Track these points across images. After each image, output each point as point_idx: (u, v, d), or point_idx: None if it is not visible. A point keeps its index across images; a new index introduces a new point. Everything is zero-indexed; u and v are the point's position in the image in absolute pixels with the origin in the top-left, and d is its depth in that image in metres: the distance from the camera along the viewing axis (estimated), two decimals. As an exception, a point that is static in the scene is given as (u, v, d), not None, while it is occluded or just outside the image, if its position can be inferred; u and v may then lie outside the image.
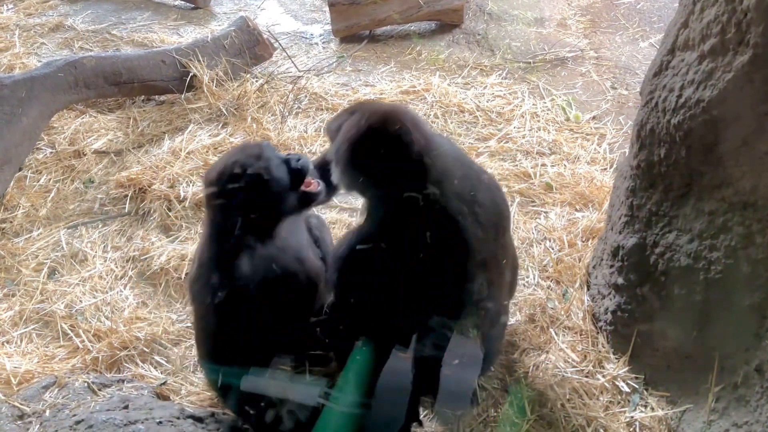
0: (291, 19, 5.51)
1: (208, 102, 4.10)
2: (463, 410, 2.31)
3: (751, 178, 1.80)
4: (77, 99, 3.98)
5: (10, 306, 2.88)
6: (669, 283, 2.15)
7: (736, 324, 1.93)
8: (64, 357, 2.63)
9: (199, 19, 5.52)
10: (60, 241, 3.24)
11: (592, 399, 2.34)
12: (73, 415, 2.10)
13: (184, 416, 2.11)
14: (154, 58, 4.17)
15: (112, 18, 5.52)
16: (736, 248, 1.88)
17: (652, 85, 2.13)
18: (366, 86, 4.40)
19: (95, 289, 2.94)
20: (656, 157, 2.11)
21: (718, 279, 1.95)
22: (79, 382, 2.34)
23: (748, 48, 1.70)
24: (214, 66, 4.25)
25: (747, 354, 1.89)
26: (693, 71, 1.91)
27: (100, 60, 4.01)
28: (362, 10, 4.90)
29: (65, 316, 2.80)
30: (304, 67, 4.64)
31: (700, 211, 1.99)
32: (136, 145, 3.88)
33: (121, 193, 3.50)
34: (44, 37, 5.20)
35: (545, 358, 2.49)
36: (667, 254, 2.12)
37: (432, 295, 1.96)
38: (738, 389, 1.93)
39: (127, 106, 4.25)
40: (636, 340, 2.35)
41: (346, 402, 2.08)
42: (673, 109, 1.99)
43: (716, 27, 1.80)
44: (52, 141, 3.88)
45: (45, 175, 3.66)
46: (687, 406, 2.15)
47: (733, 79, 1.76)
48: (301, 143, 3.77)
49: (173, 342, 2.68)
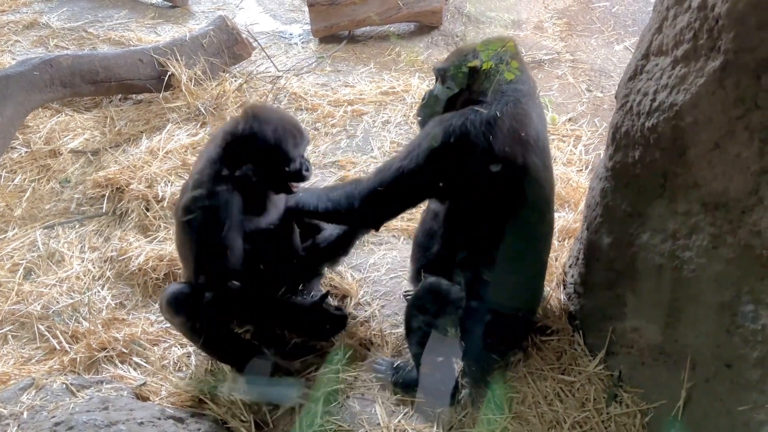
0: (270, 19, 5.50)
1: (187, 101, 4.08)
2: (444, 407, 2.35)
3: (723, 180, 1.85)
4: (53, 98, 3.93)
5: (-15, 307, 2.84)
6: (643, 282, 2.20)
7: (707, 321, 1.98)
8: (41, 358, 2.61)
9: (177, 17, 5.48)
10: (36, 242, 3.20)
11: (569, 396, 2.38)
12: (51, 417, 2.08)
13: (165, 416, 2.11)
14: (132, 57, 4.14)
15: (89, 16, 5.46)
16: (707, 248, 1.93)
17: (627, 88, 2.18)
18: (345, 86, 4.41)
19: (72, 290, 2.92)
20: (631, 159, 2.16)
21: (690, 278, 2.00)
22: (57, 383, 2.33)
23: (719, 54, 1.75)
24: (193, 65, 4.24)
25: (718, 350, 1.94)
26: (666, 76, 1.96)
27: (77, 58, 3.97)
28: (341, 10, 4.91)
29: (42, 317, 2.77)
30: (283, 66, 4.64)
31: (673, 212, 2.04)
32: (113, 144, 3.84)
33: (99, 193, 3.47)
34: (18, 35, 5.13)
35: (522, 356, 2.53)
36: (641, 254, 2.17)
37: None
38: (709, 384, 1.98)
39: (104, 105, 4.21)
40: (611, 337, 2.40)
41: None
42: (647, 113, 2.04)
43: (689, 33, 1.85)
44: (27, 140, 3.83)
45: (20, 175, 3.62)
46: (661, 401, 2.20)
47: (705, 83, 1.81)
48: (280, 143, 3.77)
49: (152, 342, 2.67)
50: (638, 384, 2.31)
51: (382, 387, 2.44)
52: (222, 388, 2.42)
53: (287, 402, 2.40)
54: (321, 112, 4.08)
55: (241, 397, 2.38)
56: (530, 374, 2.46)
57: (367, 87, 4.36)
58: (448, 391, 2.38)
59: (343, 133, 3.94)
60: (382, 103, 4.16)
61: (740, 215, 1.81)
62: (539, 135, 2.24)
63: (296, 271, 2.58)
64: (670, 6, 1.95)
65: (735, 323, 1.89)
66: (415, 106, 4.11)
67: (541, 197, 2.30)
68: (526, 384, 2.42)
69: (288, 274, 2.52)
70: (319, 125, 4.00)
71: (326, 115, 4.06)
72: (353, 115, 4.09)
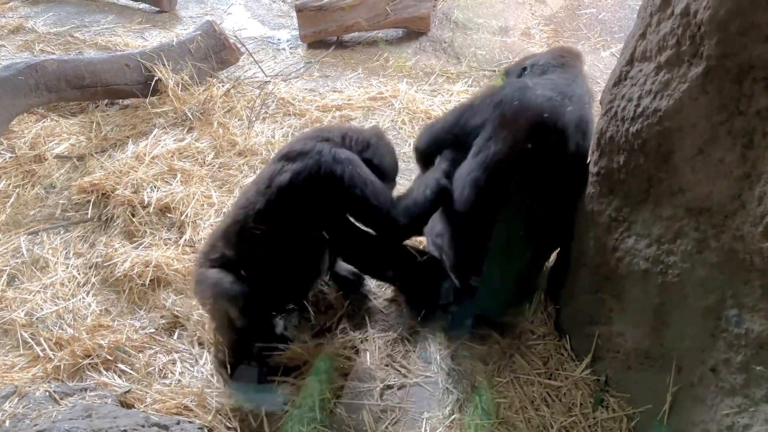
0: (258, 24, 5.50)
1: (173, 106, 4.06)
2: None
3: (706, 185, 1.87)
4: (38, 102, 3.91)
5: (-32, 314, 2.81)
6: (628, 287, 2.21)
7: (692, 326, 1.99)
8: (24, 366, 2.57)
9: (164, 22, 5.47)
10: (20, 248, 3.17)
11: (556, 401, 2.38)
12: (34, 425, 2.06)
13: (150, 424, 2.09)
14: (118, 62, 4.12)
15: (75, 20, 5.43)
16: (692, 252, 1.95)
17: (611, 94, 2.20)
18: (334, 92, 4.41)
19: (57, 297, 2.89)
20: (615, 165, 2.17)
21: (675, 282, 2.01)
22: (41, 391, 2.30)
23: (702, 60, 1.76)
24: (180, 70, 4.22)
25: (703, 354, 1.96)
26: (650, 81, 1.98)
27: (63, 63, 3.95)
28: (330, 16, 4.92)
29: (25, 324, 2.74)
30: (271, 72, 4.63)
31: (657, 217, 2.06)
32: (99, 149, 3.82)
33: (84, 199, 3.44)
34: (3, 39, 5.09)
35: (509, 361, 2.54)
36: (627, 258, 2.18)
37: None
38: (694, 389, 1.99)
39: (90, 110, 4.19)
40: (597, 342, 2.41)
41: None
42: (631, 118, 2.06)
43: (672, 39, 1.86)
44: (11, 145, 3.80)
45: (4, 180, 3.58)
46: (647, 406, 2.21)
47: (688, 89, 1.83)
48: (268, 148, 3.76)
49: (137, 349, 2.64)
50: (624, 388, 2.32)
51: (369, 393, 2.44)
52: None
53: (273, 408, 2.39)
54: (309, 118, 4.08)
55: (230, 402, 2.37)
56: (517, 379, 2.46)
57: (356, 92, 4.36)
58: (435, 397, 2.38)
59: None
60: (370, 108, 4.17)
61: (723, 219, 1.83)
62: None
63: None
64: (653, 12, 1.96)
65: (719, 327, 1.90)
66: (403, 111, 4.11)
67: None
68: (513, 389, 2.43)
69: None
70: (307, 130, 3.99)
71: (314, 121, 4.05)
72: (341, 120, 4.09)
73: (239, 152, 3.75)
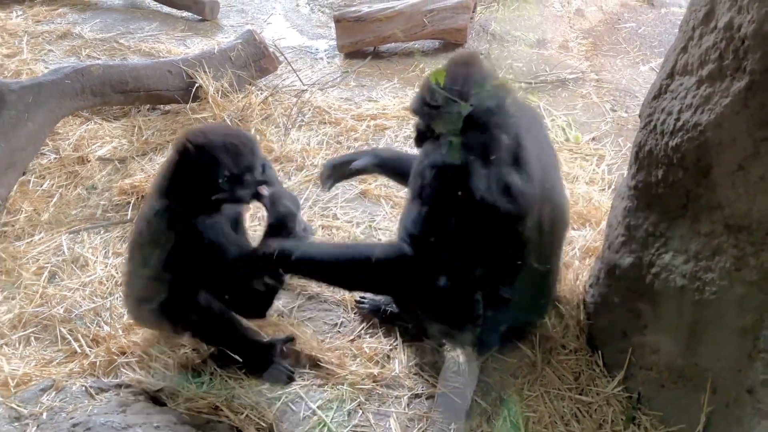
0: (297, 34, 5.57)
1: (213, 112, 4.13)
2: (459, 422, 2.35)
3: (746, 201, 1.83)
4: (83, 106, 4.01)
5: (10, 309, 2.89)
6: (664, 303, 2.18)
7: (728, 345, 1.95)
8: (62, 361, 2.64)
9: (206, 31, 5.58)
10: (61, 246, 3.26)
11: (586, 417, 2.35)
12: (70, 418, 2.11)
13: (181, 422, 2.13)
14: (161, 68, 4.22)
15: (120, 27, 5.58)
16: (730, 270, 1.91)
17: (651, 107, 2.18)
18: (369, 101, 4.45)
19: (95, 294, 2.96)
20: (654, 179, 2.15)
21: (712, 300, 1.98)
22: (77, 385, 2.36)
23: (745, 74, 1.74)
24: (220, 77, 4.30)
25: (739, 375, 1.92)
26: (691, 95, 1.95)
27: (107, 68, 4.06)
28: (367, 27, 4.96)
29: (64, 320, 2.81)
30: (308, 81, 4.69)
31: (695, 233, 2.03)
32: (140, 153, 3.91)
33: (124, 200, 3.53)
34: (52, 44, 5.25)
35: (540, 375, 2.51)
36: (663, 274, 2.15)
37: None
38: (730, 409, 1.95)
39: (132, 114, 4.29)
40: (630, 359, 2.37)
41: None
42: (671, 132, 2.03)
43: (714, 53, 1.84)
44: (56, 146, 3.91)
45: (48, 180, 3.69)
46: (680, 425, 2.17)
47: (729, 104, 1.80)
48: (303, 156, 3.81)
49: (171, 348, 2.69)
50: (657, 407, 2.28)
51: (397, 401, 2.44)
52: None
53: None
54: (344, 126, 4.12)
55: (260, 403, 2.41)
56: (547, 394, 2.44)
57: (391, 102, 4.39)
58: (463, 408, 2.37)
59: (366, 146, 3.96)
60: (404, 118, 4.18)
61: (763, 237, 1.79)
62: None
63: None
64: (696, 26, 1.95)
65: (757, 348, 1.86)
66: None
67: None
68: (543, 403, 2.40)
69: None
70: (342, 139, 4.03)
71: (349, 129, 4.09)
72: (376, 129, 4.12)
73: (275, 159, 3.80)
